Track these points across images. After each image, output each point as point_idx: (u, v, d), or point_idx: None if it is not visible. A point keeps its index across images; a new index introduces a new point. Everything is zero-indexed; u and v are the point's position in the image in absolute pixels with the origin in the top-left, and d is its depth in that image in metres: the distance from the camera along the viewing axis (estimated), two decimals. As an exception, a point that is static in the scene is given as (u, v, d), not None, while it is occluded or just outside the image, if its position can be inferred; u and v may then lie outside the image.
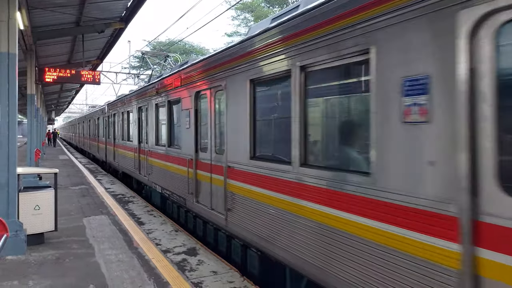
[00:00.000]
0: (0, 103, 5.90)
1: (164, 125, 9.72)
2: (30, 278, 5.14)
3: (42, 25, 11.86)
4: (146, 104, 11.60)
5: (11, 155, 5.92)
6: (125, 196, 12.01)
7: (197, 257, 6.28)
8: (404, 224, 3.10)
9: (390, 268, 3.22)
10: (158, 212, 9.71)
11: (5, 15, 5.94)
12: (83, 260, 5.87)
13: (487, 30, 2.55)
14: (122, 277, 5.20)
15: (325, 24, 3.95)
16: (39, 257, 5.97)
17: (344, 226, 3.72)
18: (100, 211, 9.42)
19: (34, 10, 10.24)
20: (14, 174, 5.97)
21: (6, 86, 5.87)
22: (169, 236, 7.50)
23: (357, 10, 3.53)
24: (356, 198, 3.58)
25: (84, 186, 13.50)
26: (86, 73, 14.69)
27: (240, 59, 5.75)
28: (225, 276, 5.49)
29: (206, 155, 7.10)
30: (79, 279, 5.14)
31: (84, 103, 67.09)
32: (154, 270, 5.48)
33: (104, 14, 11.79)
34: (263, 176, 5.16)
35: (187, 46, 49.44)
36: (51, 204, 6.73)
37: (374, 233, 3.40)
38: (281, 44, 4.73)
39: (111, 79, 33.42)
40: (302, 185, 4.37)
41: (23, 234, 6.05)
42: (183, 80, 8.30)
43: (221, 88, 6.44)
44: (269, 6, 39.54)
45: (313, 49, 4.17)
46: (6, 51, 5.90)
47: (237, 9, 39.99)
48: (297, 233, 4.43)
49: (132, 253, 6.19)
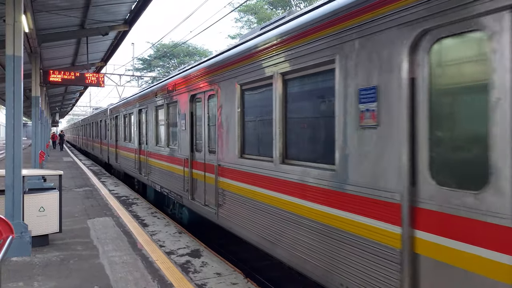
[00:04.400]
0: (5, 105, 5.94)
1: (163, 126, 10.24)
2: (35, 280, 5.16)
3: (46, 28, 11.93)
4: (146, 106, 12.00)
5: (16, 157, 5.96)
6: (128, 198, 12.04)
7: (200, 259, 6.29)
8: (360, 212, 3.68)
9: (347, 249, 3.86)
10: (162, 214, 9.73)
11: (11, 19, 5.99)
12: (88, 262, 5.89)
13: (422, 47, 3.11)
14: (126, 278, 5.22)
15: (299, 37, 4.52)
16: (44, 259, 6.00)
17: (310, 214, 4.38)
18: (104, 213, 9.45)
19: (39, 13, 10.31)
20: (19, 176, 6.00)
21: (12, 89, 5.91)
22: (173, 238, 7.51)
23: (324, 26, 4.11)
24: (321, 190, 4.19)
25: (88, 188, 13.55)
26: (90, 75, 14.77)
27: (230, 66, 6.29)
28: (229, 278, 5.49)
29: (200, 155, 7.70)
30: (84, 280, 5.16)
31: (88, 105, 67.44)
32: (158, 271, 5.49)
33: (108, 17, 11.85)
34: (248, 173, 5.71)
35: (190, 48, 49.55)
36: (55, 206, 6.76)
37: (335, 220, 3.99)
38: (264, 54, 5.27)
39: (115, 81, 33.60)
40: (281, 180, 4.92)
41: (28, 235, 6.08)
42: (177, 85, 8.90)
43: (213, 92, 6.95)
44: (272, 8, 39.59)
45: (291, 58, 4.70)
46: (12, 54, 5.94)
47: (241, 11, 40.05)
48: (274, 223, 5.12)
49: (136, 255, 6.20)
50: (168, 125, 9.82)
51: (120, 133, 16.67)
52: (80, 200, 11.10)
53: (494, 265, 2.59)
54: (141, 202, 11.30)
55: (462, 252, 2.80)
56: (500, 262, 2.56)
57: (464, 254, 2.78)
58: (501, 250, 2.56)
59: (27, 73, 14.37)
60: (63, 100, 36.47)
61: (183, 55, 50.02)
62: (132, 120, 14.29)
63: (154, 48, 48.21)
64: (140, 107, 12.82)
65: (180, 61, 50.33)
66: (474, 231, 2.71)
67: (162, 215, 9.57)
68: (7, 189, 5.92)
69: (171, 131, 9.64)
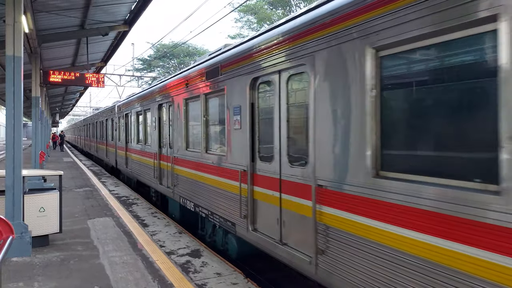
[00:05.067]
0: (6, 106, 5.94)
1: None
2: (35, 280, 5.17)
3: (46, 28, 11.95)
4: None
5: (16, 157, 5.96)
6: (129, 198, 12.04)
7: (201, 259, 6.29)
8: (230, 177, 6.36)
9: (219, 197, 6.71)
10: (162, 214, 9.73)
11: (11, 19, 6.00)
12: (88, 262, 5.89)
13: (254, 86, 5.70)
14: (127, 278, 5.22)
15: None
16: (44, 259, 6.00)
17: (220, 184, 6.78)
18: (104, 213, 9.45)
19: (39, 14, 10.32)
20: (19, 176, 6.00)
21: (12, 89, 5.91)
22: (173, 238, 7.51)
23: (220, 68, 6.75)
24: (219, 169, 6.77)
25: (89, 188, 13.56)
26: (90, 75, 14.78)
27: (179, 85, 8.74)
28: (229, 278, 5.49)
29: (165, 150, 10.15)
30: (84, 280, 5.16)
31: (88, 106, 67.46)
32: (158, 271, 5.49)
33: (108, 17, 11.86)
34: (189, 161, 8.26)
35: (190, 49, 49.53)
36: (55, 206, 6.76)
37: (217, 183, 6.69)
38: (196, 80, 7.85)
39: (115, 81, 33.61)
40: (204, 164, 7.42)
41: (28, 236, 6.09)
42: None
43: (171, 103, 9.40)
44: (272, 8, 39.59)
45: (191, 89, 7.78)
46: (12, 54, 5.94)
47: (240, 12, 40.05)
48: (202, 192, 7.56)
49: (136, 255, 6.21)
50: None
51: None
52: (80, 201, 11.10)
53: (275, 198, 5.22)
54: (141, 203, 11.30)
55: (269, 196, 5.33)
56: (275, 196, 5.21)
57: (269, 196, 5.34)
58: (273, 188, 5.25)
59: (27, 73, 14.38)
60: (63, 101, 36.49)
61: (183, 55, 50.01)
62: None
63: (154, 48, 48.21)
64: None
65: (180, 61, 50.35)
66: (269, 183, 5.31)
67: (162, 215, 9.57)
68: (7, 190, 5.92)
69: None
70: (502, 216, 2.54)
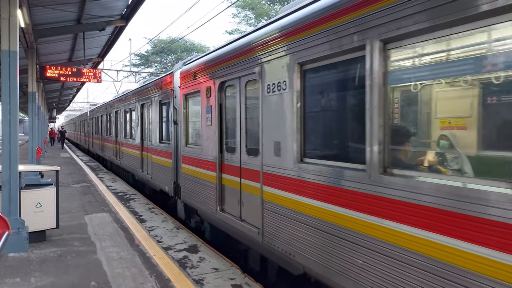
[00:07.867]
0: (1, 101, 5.91)
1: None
2: (32, 275, 5.16)
3: (43, 23, 11.84)
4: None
5: (13, 152, 5.93)
6: (126, 194, 12.03)
7: (198, 254, 6.30)
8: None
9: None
10: (159, 210, 9.72)
11: (6, 13, 5.95)
12: (85, 258, 5.88)
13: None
14: (124, 274, 5.22)
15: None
16: (41, 254, 5.99)
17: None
18: (101, 208, 9.44)
19: (35, 8, 10.23)
20: (15, 172, 5.98)
21: (7, 84, 5.87)
22: (171, 234, 7.51)
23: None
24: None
25: (86, 184, 13.53)
26: (87, 71, 14.68)
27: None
28: (226, 273, 5.50)
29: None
30: (81, 276, 5.15)
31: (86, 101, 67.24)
32: (155, 267, 5.49)
33: (105, 12, 11.76)
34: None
35: (188, 44, 49.34)
36: (52, 202, 6.75)
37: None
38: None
39: (112, 77, 33.47)
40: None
41: (24, 231, 6.07)
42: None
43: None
44: (270, 3, 39.42)
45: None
46: (7, 49, 5.90)
47: (238, 7, 39.87)
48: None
49: (133, 251, 6.20)
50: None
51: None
52: (77, 196, 11.08)
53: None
54: (139, 198, 11.29)
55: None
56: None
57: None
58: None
59: (23, 68, 14.24)
60: (60, 96, 36.31)
61: (180, 50, 49.80)
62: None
63: (151, 43, 47.94)
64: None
65: (177, 56, 50.13)
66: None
67: (159, 211, 9.57)
68: (3, 185, 5.90)
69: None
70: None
